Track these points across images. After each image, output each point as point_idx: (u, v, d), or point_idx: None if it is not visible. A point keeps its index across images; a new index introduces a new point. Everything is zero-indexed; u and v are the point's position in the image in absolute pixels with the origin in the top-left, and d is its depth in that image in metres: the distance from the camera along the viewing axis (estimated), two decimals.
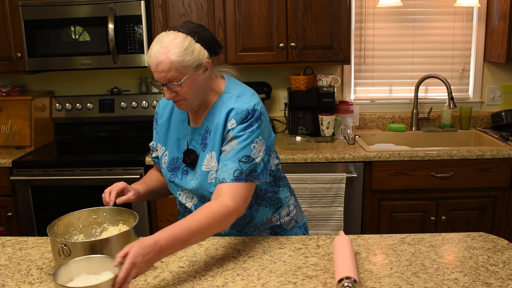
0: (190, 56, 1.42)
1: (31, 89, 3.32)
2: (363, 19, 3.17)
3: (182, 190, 1.61)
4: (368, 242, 1.53)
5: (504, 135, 2.92)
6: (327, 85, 3.01)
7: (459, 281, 1.27)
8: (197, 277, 1.33)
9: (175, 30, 1.45)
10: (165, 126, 1.65)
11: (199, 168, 1.55)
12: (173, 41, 1.41)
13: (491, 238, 1.53)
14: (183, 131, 1.60)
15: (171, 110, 1.65)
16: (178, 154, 1.61)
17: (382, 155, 2.62)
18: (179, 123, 1.62)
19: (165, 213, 2.70)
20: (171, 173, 1.61)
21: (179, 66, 1.41)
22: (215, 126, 1.52)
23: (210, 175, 1.52)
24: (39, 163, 2.69)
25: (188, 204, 1.61)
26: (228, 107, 1.50)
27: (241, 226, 1.63)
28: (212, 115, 1.54)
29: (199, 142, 1.56)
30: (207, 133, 1.54)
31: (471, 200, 2.69)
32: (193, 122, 1.60)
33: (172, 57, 1.40)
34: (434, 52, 3.22)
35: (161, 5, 2.79)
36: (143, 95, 3.18)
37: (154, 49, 1.42)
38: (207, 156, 1.53)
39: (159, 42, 1.42)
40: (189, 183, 1.57)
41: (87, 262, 1.24)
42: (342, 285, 1.19)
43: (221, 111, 1.52)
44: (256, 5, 2.78)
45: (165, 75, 1.42)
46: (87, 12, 2.76)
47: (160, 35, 1.46)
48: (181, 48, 1.41)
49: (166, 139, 1.64)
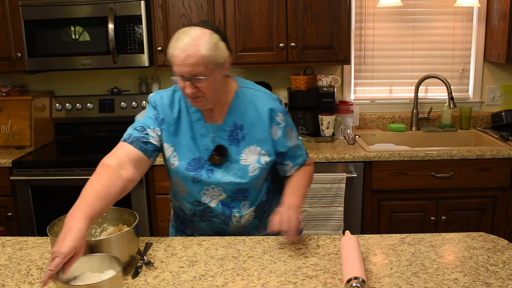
0: (218, 52, 1.43)
1: (31, 89, 3.32)
2: (363, 19, 3.17)
3: (208, 188, 1.58)
4: (368, 242, 1.53)
5: (504, 135, 2.92)
6: (327, 85, 3.01)
7: (459, 281, 1.27)
8: (197, 277, 1.33)
9: (198, 26, 1.44)
10: (174, 126, 1.59)
11: (236, 163, 1.56)
12: (203, 36, 1.41)
13: (491, 238, 1.53)
14: (200, 130, 1.57)
15: (179, 110, 1.59)
16: (198, 154, 1.57)
17: (382, 155, 2.62)
18: (193, 123, 1.58)
19: (165, 213, 2.70)
20: (194, 174, 1.57)
21: (207, 61, 1.41)
22: (251, 121, 1.56)
23: (251, 168, 1.56)
24: (39, 163, 2.69)
25: (213, 202, 1.59)
26: (264, 103, 1.57)
27: (261, 215, 1.67)
28: (238, 110, 1.57)
29: (225, 138, 1.57)
30: (237, 129, 1.57)
31: (471, 200, 2.69)
32: (210, 120, 1.58)
33: (202, 51, 1.39)
34: (434, 52, 3.22)
35: (161, 5, 2.79)
36: (143, 95, 3.18)
37: (183, 41, 1.39)
38: (246, 150, 1.57)
39: (187, 35, 1.40)
40: (222, 179, 1.56)
41: (90, 261, 1.25)
42: (350, 285, 1.19)
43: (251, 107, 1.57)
44: (256, 5, 2.78)
45: (191, 69, 1.40)
46: (87, 12, 2.76)
47: (183, 29, 1.44)
48: (210, 43, 1.41)
49: (175, 139, 1.59)
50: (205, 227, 1.67)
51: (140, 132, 1.55)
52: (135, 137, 1.54)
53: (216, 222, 1.64)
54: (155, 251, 1.50)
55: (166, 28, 2.82)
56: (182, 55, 1.39)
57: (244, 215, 1.63)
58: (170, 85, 1.51)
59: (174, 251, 1.50)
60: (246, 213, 1.63)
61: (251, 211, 1.64)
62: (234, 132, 1.57)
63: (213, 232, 1.66)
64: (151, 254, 1.48)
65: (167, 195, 2.69)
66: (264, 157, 1.59)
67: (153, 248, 1.52)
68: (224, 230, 1.65)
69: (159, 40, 2.83)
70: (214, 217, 1.63)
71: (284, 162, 1.66)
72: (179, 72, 1.42)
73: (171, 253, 1.48)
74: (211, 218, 1.63)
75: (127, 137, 1.55)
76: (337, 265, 1.38)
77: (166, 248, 1.52)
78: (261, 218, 1.69)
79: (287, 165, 1.66)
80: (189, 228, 1.73)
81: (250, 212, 1.63)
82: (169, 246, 1.53)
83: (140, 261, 1.41)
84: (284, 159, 1.65)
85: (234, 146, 1.57)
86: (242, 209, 1.62)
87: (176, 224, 1.79)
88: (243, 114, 1.57)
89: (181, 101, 1.60)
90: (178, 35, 1.42)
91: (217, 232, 1.66)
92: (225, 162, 1.57)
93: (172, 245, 1.54)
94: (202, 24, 1.45)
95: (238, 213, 1.62)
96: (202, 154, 1.57)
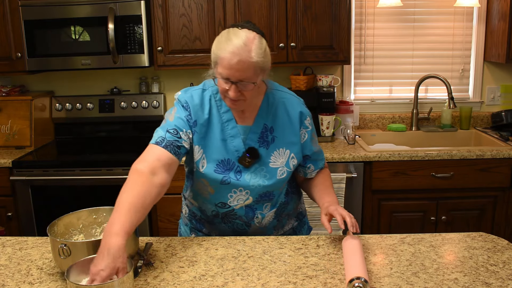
0: (266, 58, 1.42)
1: (31, 89, 3.32)
2: (363, 19, 3.17)
3: (236, 191, 1.57)
4: (368, 242, 1.53)
5: (504, 135, 2.92)
6: (327, 85, 3.01)
7: (459, 281, 1.27)
8: (197, 277, 1.33)
9: (244, 28, 1.41)
10: (205, 127, 1.54)
11: (265, 165, 1.56)
12: (253, 40, 1.39)
13: (491, 238, 1.53)
14: (231, 131, 1.55)
15: (209, 111, 1.55)
16: (227, 155, 1.54)
17: (382, 155, 2.62)
18: (223, 124, 1.55)
19: (165, 213, 2.70)
20: (222, 176, 1.55)
21: (257, 67, 1.39)
22: (281, 123, 1.57)
23: (279, 171, 1.57)
24: (39, 163, 2.69)
25: (239, 205, 1.59)
26: (294, 107, 1.59)
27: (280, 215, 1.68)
28: (269, 113, 1.57)
29: (255, 140, 1.56)
30: (267, 131, 1.57)
31: (471, 200, 2.69)
32: (240, 121, 1.56)
33: (255, 58, 1.37)
34: (434, 52, 3.22)
35: (161, 5, 2.79)
36: (143, 95, 3.18)
37: (235, 44, 1.36)
38: (275, 153, 1.57)
39: (239, 38, 1.37)
40: (251, 181, 1.55)
41: None
42: (353, 286, 1.19)
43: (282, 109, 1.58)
44: (256, 5, 2.78)
45: (241, 73, 1.38)
46: (87, 12, 2.76)
47: (232, 30, 1.41)
48: (261, 48, 1.40)
49: (205, 141, 1.55)
50: (225, 228, 1.66)
51: (173, 135, 1.49)
52: (169, 141, 1.48)
53: (238, 223, 1.64)
54: (155, 251, 1.50)
55: (166, 28, 2.82)
56: (235, 59, 1.36)
57: (266, 217, 1.63)
58: (170, 85, 1.51)
59: (174, 251, 1.49)
60: (268, 214, 1.63)
61: (272, 212, 1.64)
62: (265, 134, 1.57)
63: (233, 233, 1.66)
64: (151, 254, 1.48)
65: (167, 195, 2.68)
66: (293, 160, 1.59)
67: (153, 248, 1.52)
68: (244, 231, 1.65)
69: (159, 40, 2.83)
70: (236, 219, 1.63)
71: (307, 165, 1.67)
72: (226, 75, 1.40)
73: (171, 253, 1.48)
74: (233, 220, 1.63)
75: (160, 140, 1.48)
76: (337, 265, 1.38)
77: (166, 248, 1.52)
78: (279, 218, 1.69)
79: (309, 168, 1.68)
80: (206, 228, 1.73)
81: (271, 213, 1.64)
82: (169, 246, 1.53)
83: (140, 261, 1.41)
84: (307, 162, 1.66)
85: (263, 149, 1.56)
86: (264, 210, 1.62)
87: (191, 223, 1.76)
88: (274, 117, 1.57)
89: (211, 101, 1.56)
90: (228, 36, 1.39)
91: (237, 232, 1.66)
92: (253, 165, 1.56)
93: (172, 245, 1.54)
94: (248, 26, 1.42)
95: (260, 215, 1.62)
96: (230, 156, 1.55)
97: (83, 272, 1.23)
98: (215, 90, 1.57)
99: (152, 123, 3.16)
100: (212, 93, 1.57)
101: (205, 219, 1.69)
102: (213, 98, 1.57)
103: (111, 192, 2.67)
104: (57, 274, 1.37)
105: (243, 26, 1.42)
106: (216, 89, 1.57)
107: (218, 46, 1.41)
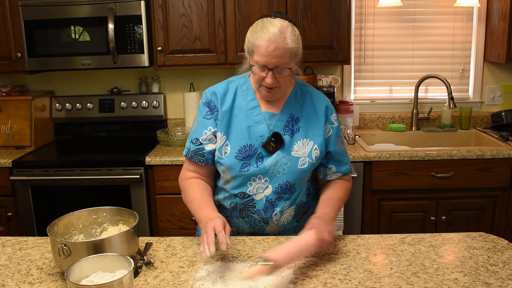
0: (299, 45, 1.49)
1: (31, 89, 3.32)
2: (363, 19, 3.17)
3: (255, 179, 1.58)
4: (368, 242, 1.53)
5: (504, 135, 2.92)
6: (327, 85, 3.01)
7: (459, 281, 1.27)
8: (197, 277, 1.33)
9: (277, 17, 1.47)
10: (228, 114, 1.60)
11: (287, 153, 1.57)
12: (287, 28, 1.45)
13: (491, 238, 1.53)
14: (256, 118, 1.58)
15: (233, 99, 1.61)
16: (250, 141, 1.57)
17: (382, 155, 2.62)
18: (248, 110, 1.59)
19: (165, 213, 2.70)
20: (242, 162, 1.57)
21: (292, 53, 1.46)
22: (309, 116, 1.61)
23: (301, 161, 1.58)
24: (39, 163, 2.69)
25: (259, 195, 1.59)
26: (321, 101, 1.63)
27: (300, 216, 1.68)
28: (296, 104, 1.61)
29: (280, 128, 1.58)
30: (293, 120, 1.60)
31: (471, 200, 2.69)
32: (266, 108, 1.60)
33: (290, 44, 1.44)
34: (434, 52, 3.22)
35: (161, 5, 2.79)
36: (143, 95, 3.18)
37: (271, 32, 1.42)
38: (299, 143, 1.58)
39: (274, 26, 1.43)
40: (271, 169, 1.56)
41: (102, 260, 1.24)
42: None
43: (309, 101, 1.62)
44: (256, 5, 2.78)
45: (278, 60, 1.44)
46: (87, 12, 2.76)
47: (266, 19, 1.47)
48: (295, 35, 1.46)
49: (229, 128, 1.59)
50: (243, 224, 1.65)
51: (196, 145, 1.62)
52: (193, 151, 1.62)
53: (256, 219, 1.62)
54: (155, 251, 1.50)
55: (166, 28, 2.82)
56: (272, 46, 1.42)
57: (285, 213, 1.62)
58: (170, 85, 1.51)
59: (174, 251, 1.50)
60: (287, 211, 1.63)
61: (291, 210, 1.64)
62: (290, 123, 1.59)
63: (251, 230, 1.65)
64: (151, 254, 1.48)
65: (167, 195, 2.70)
66: (315, 152, 1.59)
67: (153, 248, 1.52)
68: (262, 229, 1.64)
69: (159, 40, 2.83)
70: (254, 213, 1.61)
71: (328, 165, 1.66)
72: (263, 62, 1.45)
73: (171, 253, 1.48)
74: (251, 214, 1.62)
75: (187, 152, 1.65)
76: (337, 265, 1.38)
77: (166, 248, 1.52)
78: (299, 219, 1.69)
79: (331, 169, 1.66)
80: None
81: (290, 211, 1.63)
82: (169, 246, 1.53)
83: (140, 261, 1.42)
84: (329, 162, 1.66)
85: (288, 137, 1.58)
86: (284, 207, 1.62)
87: None
88: (301, 108, 1.61)
89: (237, 90, 1.62)
90: (263, 25, 1.45)
91: (255, 230, 1.65)
92: (276, 151, 1.57)
93: (172, 245, 1.54)
94: (280, 15, 1.48)
95: (280, 212, 1.61)
96: (254, 141, 1.57)
97: (89, 271, 1.23)
98: (242, 81, 1.64)
99: (152, 123, 3.18)
100: (239, 84, 1.63)
101: (224, 214, 1.68)
102: (239, 88, 1.62)
103: (111, 192, 2.69)
104: (57, 274, 1.37)
105: (275, 15, 1.48)
106: (243, 80, 1.64)
107: (253, 35, 1.46)
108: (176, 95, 3.25)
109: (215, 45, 2.83)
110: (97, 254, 1.25)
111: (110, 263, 1.24)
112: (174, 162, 2.61)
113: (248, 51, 1.50)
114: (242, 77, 1.65)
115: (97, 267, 1.24)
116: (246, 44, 1.51)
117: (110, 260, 1.25)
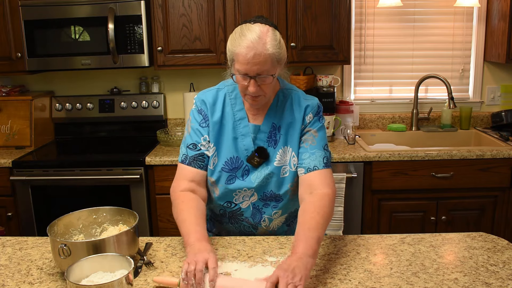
0: (281, 50, 1.42)
1: (31, 89, 3.32)
2: (363, 19, 3.17)
3: (241, 191, 1.56)
4: (368, 242, 1.53)
5: (504, 135, 2.92)
6: (327, 85, 3.01)
7: (459, 281, 1.27)
8: None
9: (256, 22, 1.41)
10: (218, 124, 1.56)
11: (270, 164, 1.54)
12: (267, 33, 1.39)
13: (491, 238, 1.53)
14: (243, 130, 1.55)
15: (222, 108, 1.57)
16: (236, 153, 1.55)
17: (382, 155, 2.62)
18: (236, 122, 1.56)
19: (165, 213, 2.70)
20: (228, 174, 1.55)
21: (274, 59, 1.40)
22: (288, 122, 1.55)
23: (282, 169, 1.55)
24: (39, 163, 2.69)
25: (245, 203, 1.58)
26: (301, 104, 1.56)
27: (291, 220, 1.66)
28: (278, 112, 1.56)
29: (264, 140, 1.55)
30: (275, 130, 1.55)
31: (471, 200, 2.69)
32: (252, 119, 1.57)
33: (270, 49, 1.38)
34: (434, 52, 3.22)
35: (161, 5, 2.79)
36: (143, 95, 3.18)
37: (249, 38, 1.36)
38: (280, 152, 1.55)
39: (252, 32, 1.37)
40: (256, 182, 1.54)
41: (102, 260, 1.24)
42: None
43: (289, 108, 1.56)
44: (256, 5, 2.78)
45: (259, 67, 1.38)
46: (87, 12, 2.76)
47: (244, 26, 1.41)
48: (275, 40, 1.40)
49: (219, 138, 1.56)
50: (233, 229, 1.66)
51: (193, 150, 1.56)
52: (191, 157, 1.56)
53: (245, 225, 1.63)
54: (155, 251, 1.50)
55: (166, 28, 2.82)
56: (251, 53, 1.36)
57: (274, 221, 1.62)
58: (170, 85, 1.51)
59: (174, 251, 1.49)
60: (276, 219, 1.62)
61: (282, 218, 1.63)
62: (273, 133, 1.56)
63: (241, 234, 1.66)
64: (151, 254, 1.48)
65: (167, 195, 2.69)
66: (293, 159, 1.56)
67: (153, 248, 1.52)
68: (252, 233, 1.65)
69: (159, 40, 2.83)
70: (243, 220, 1.62)
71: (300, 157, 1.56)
72: (244, 70, 1.39)
73: (171, 253, 1.48)
74: (240, 221, 1.63)
75: (184, 158, 1.57)
76: (337, 265, 1.38)
77: (166, 248, 1.52)
78: (290, 224, 1.68)
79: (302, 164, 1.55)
80: (216, 228, 1.73)
81: (281, 218, 1.63)
82: (169, 246, 1.53)
83: (140, 261, 1.41)
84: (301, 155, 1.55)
85: (271, 148, 1.56)
86: (274, 216, 1.61)
87: None
88: (281, 115, 1.56)
89: (226, 99, 1.58)
90: (242, 32, 1.39)
91: (245, 234, 1.65)
92: (260, 165, 1.55)
93: (172, 245, 1.54)
94: (260, 20, 1.42)
95: (268, 219, 1.61)
96: (240, 154, 1.55)
97: (89, 271, 1.23)
98: (230, 88, 1.59)
99: (152, 123, 3.18)
100: (227, 92, 1.59)
101: (215, 218, 1.69)
102: (228, 97, 1.58)
103: (111, 192, 2.69)
104: (57, 274, 1.37)
105: (255, 20, 1.43)
106: (231, 88, 1.59)
107: (232, 43, 1.41)
108: (176, 95, 3.25)
109: (215, 45, 2.83)
110: (97, 254, 1.25)
111: (110, 263, 1.24)
112: (174, 162, 2.61)
113: (229, 60, 1.45)
114: (231, 83, 1.59)
115: (97, 267, 1.24)
116: (227, 53, 1.46)
117: (110, 260, 1.25)
